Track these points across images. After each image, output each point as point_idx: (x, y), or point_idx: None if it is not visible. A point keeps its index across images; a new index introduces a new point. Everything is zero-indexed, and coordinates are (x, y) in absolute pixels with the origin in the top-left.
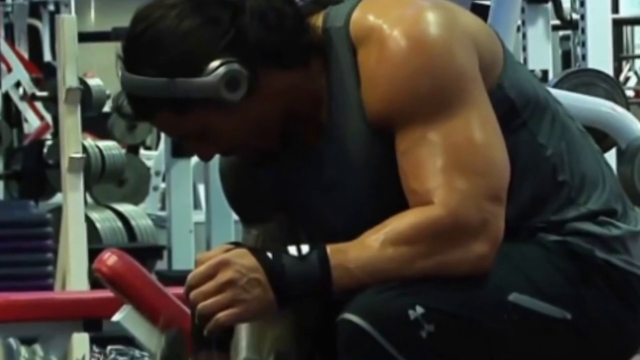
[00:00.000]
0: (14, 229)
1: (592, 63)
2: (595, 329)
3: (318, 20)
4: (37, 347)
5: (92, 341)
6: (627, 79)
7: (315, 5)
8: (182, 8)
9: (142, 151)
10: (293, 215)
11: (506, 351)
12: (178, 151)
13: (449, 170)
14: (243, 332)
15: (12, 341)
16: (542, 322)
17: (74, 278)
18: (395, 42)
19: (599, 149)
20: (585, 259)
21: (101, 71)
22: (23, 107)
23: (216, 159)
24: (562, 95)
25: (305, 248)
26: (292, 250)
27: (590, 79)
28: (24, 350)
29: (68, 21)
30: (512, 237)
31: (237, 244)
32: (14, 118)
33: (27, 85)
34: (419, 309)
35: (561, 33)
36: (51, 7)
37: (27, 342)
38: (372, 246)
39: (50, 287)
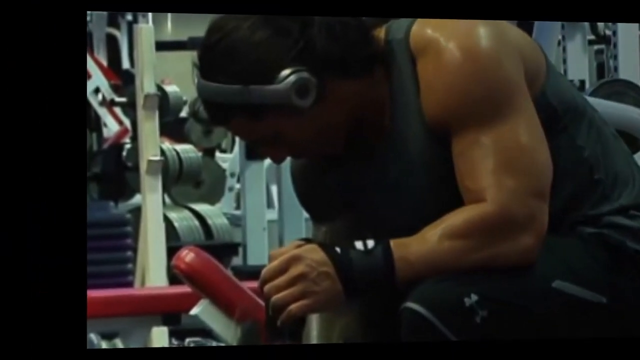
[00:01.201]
0: (94, 229)
1: (623, 74)
2: (628, 311)
3: (381, 32)
4: (118, 341)
5: (171, 334)
6: None
7: (378, 19)
8: (254, 20)
9: (217, 154)
10: (358, 216)
11: (550, 332)
12: (252, 154)
13: (499, 171)
14: (314, 322)
15: (93, 336)
16: (581, 305)
17: (153, 275)
18: (451, 53)
19: (629, 151)
20: (618, 249)
21: (178, 78)
22: (102, 112)
23: (288, 161)
24: (597, 103)
25: (370, 243)
26: (359, 244)
27: (622, 88)
28: (104, 345)
29: (146, 30)
30: (554, 230)
31: (307, 240)
32: (94, 123)
33: (106, 92)
34: (474, 297)
35: (596, 47)
36: (129, 17)
37: (108, 336)
38: (431, 240)
39: (130, 284)
